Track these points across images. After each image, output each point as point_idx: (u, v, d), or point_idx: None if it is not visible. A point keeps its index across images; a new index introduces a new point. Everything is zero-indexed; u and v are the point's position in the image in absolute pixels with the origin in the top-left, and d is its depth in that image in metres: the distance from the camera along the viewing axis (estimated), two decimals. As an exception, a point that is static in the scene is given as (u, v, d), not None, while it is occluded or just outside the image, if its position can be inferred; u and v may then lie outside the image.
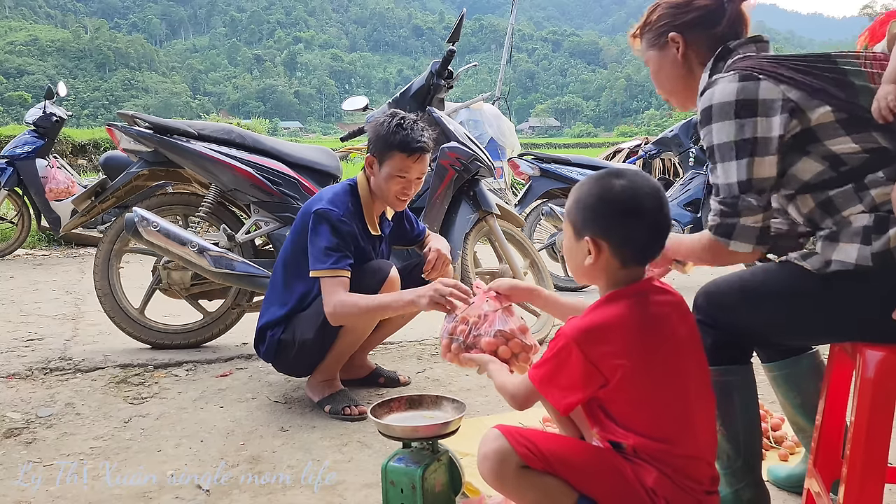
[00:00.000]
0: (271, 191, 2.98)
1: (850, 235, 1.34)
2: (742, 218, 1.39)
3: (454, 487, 1.64)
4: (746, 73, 1.38)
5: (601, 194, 1.27)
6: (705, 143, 1.44)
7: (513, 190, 8.08)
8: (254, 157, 3.01)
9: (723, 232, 1.41)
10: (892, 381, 1.30)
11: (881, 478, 1.32)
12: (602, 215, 1.27)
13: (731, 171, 1.39)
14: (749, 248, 1.41)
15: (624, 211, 1.25)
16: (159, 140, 2.93)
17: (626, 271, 1.29)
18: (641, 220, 1.25)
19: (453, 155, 3.15)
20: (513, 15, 11.21)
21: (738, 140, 1.37)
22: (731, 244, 1.41)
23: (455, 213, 3.21)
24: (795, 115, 1.36)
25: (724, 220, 1.41)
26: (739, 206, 1.38)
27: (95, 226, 6.13)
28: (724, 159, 1.40)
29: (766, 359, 1.69)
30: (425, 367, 2.91)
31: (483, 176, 3.28)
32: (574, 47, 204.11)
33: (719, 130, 1.39)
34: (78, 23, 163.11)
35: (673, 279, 5.35)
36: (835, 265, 1.35)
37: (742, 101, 1.37)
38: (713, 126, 1.40)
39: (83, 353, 3.05)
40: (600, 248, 1.27)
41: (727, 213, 1.40)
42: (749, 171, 1.37)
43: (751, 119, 1.36)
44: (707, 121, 1.42)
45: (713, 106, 1.40)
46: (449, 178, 3.14)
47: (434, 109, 3.24)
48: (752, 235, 1.40)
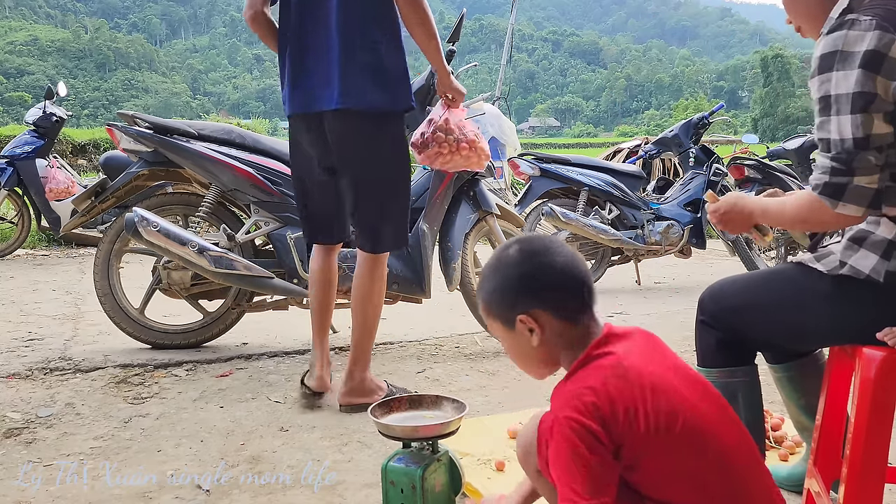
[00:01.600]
0: (271, 191, 2.98)
1: (872, 244, 1.33)
2: (856, 177, 1.27)
3: (454, 487, 1.64)
4: (883, 22, 1.26)
5: (504, 270, 1.20)
6: (820, 91, 1.31)
7: (513, 190, 8.07)
8: (254, 157, 3.01)
9: (831, 192, 1.29)
10: (892, 381, 1.30)
11: (881, 478, 1.32)
12: (522, 289, 1.18)
13: (845, 126, 1.27)
14: (861, 211, 1.28)
15: (543, 273, 1.17)
16: (159, 140, 2.93)
17: (578, 330, 1.17)
18: (561, 275, 1.17)
19: None
20: (513, 15, 11.21)
21: (860, 92, 1.25)
22: (840, 206, 1.29)
23: (455, 213, 3.22)
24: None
25: (833, 179, 1.28)
26: (854, 163, 1.27)
27: (95, 226, 6.12)
28: (840, 112, 1.27)
29: (773, 360, 1.69)
30: (425, 367, 2.91)
31: (483, 176, 3.28)
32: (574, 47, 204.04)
33: (839, 80, 1.27)
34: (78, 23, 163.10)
35: (673, 279, 5.35)
36: (847, 269, 1.34)
37: (871, 51, 1.25)
38: (833, 75, 1.28)
39: (83, 353, 3.05)
40: (539, 320, 1.16)
41: (839, 171, 1.28)
42: (868, 126, 1.26)
43: (876, 74, 1.25)
44: (826, 68, 1.30)
45: (838, 53, 1.28)
46: (449, 178, 3.14)
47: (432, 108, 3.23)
48: (867, 196, 1.27)
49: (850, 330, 1.37)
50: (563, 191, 4.87)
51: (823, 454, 1.54)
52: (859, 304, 1.34)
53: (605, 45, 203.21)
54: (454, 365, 2.95)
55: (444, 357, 3.08)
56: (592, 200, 4.81)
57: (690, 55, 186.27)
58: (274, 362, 2.97)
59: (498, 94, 9.93)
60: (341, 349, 3.17)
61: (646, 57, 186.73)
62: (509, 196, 7.99)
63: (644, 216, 4.80)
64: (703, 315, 1.52)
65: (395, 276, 3.04)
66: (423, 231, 3.08)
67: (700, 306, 1.54)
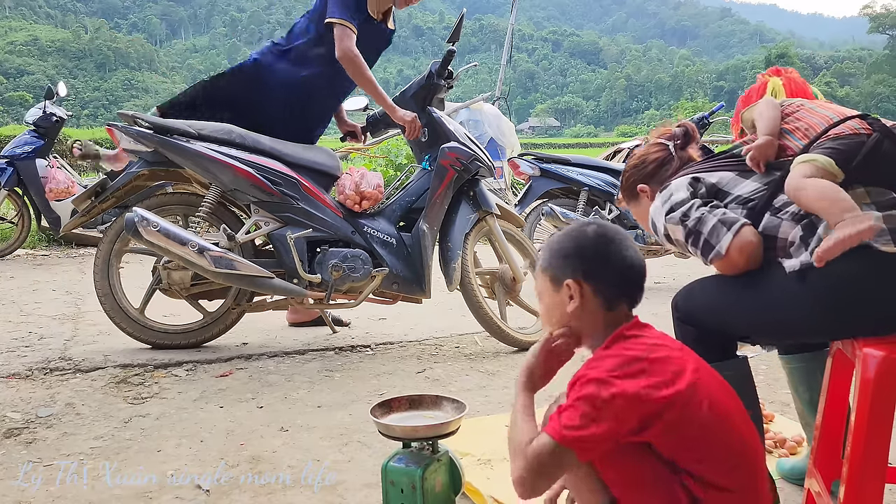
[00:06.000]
0: (271, 191, 2.97)
1: (797, 247, 1.43)
2: (710, 221, 1.50)
3: (454, 487, 1.64)
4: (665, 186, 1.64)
5: (578, 241, 1.31)
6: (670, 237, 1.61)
7: (513, 190, 8.07)
8: (254, 157, 3.00)
9: (716, 237, 1.52)
10: (892, 381, 1.30)
11: (881, 478, 1.32)
12: (578, 258, 1.30)
13: (675, 221, 1.57)
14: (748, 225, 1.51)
15: (597, 253, 1.29)
16: (159, 140, 2.92)
17: (610, 315, 1.29)
18: (616, 260, 1.29)
19: (453, 155, 3.15)
20: (513, 15, 11.22)
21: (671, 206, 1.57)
22: (737, 235, 1.48)
23: (455, 213, 3.21)
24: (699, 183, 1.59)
25: (709, 237, 1.51)
26: (703, 218, 1.51)
27: (95, 226, 6.11)
28: (669, 222, 1.58)
29: (783, 351, 1.75)
30: (425, 367, 2.91)
31: (483, 176, 3.28)
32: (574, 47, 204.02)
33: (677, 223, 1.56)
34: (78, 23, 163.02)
35: (673, 279, 5.35)
36: (789, 266, 1.42)
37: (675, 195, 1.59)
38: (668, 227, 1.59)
39: (83, 353, 3.05)
40: (581, 290, 1.28)
41: (697, 235, 1.52)
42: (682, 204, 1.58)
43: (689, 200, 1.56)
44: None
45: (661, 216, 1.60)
46: (449, 177, 3.14)
47: (434, 109, 3.24)
48: (730, 221, 1.53)
49: (816, 320, 1.40)
50: (563, 191, 4.87)
51: (823, 454, 1.55)
52: (816, 289, 1.38)
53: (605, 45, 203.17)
54: (454, 365, 2.95)
55: (444, 357, 3.08)
56: (592, 200, 4.81)
57: (690, 55, 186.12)
58: (274, 362, 2.97)
59: (498, 94, 9.94)
60: (341, 349, 3.17)
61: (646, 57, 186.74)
62: (509, 196, 8.00)
63: (644, 216, 4.80)
64: (677, 312, 1.59)
65: (394, 275, 3.05)
66: (423, 231, 3.09)
67: (674, 306, 1.60)
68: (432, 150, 3.20)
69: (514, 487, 1.19)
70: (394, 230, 3.13)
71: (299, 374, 2.80)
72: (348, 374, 2.81)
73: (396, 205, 3.20)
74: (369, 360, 3.03)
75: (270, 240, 3.05)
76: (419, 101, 3.24)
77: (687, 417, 1.15)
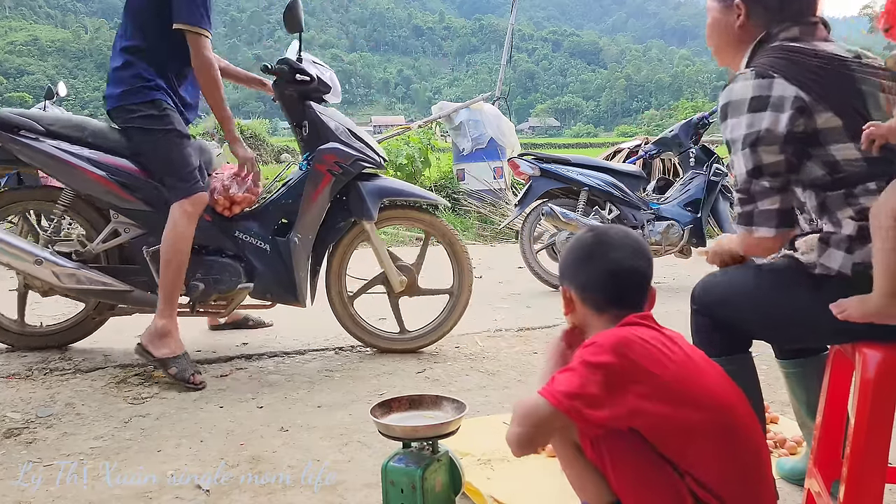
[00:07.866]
0: (127, 196, 2.72)
1: (837, 241, 1.37)
2: (758, 202, 1.41)
3: (454, 487, 1.64)
4: (762, 70, 1.42)
5: (571, 247, 1.36)
6: (724, 138, 1.48)
7: (513, 190, 8.06)
8: (108, 157, 2.72)
9: (745, 220, 1.44)
10: (892, 381, 1.30)
11: (881, 478, 1.32)
12: (566, 265, 1.36)
13: (740, 162, 1.42)
14: (772, 232, 1.41)
15: (580, 258, 1.33)
16: (7, 138, 2.69)
17: (602, 319, 1.31)
18: (597, 265, 1.31)
19: (331, 158, 2.84)
20: (513, 15, 11.21)
21: (749, 133, 1.40)
22: (755, 230, 1.43)
23: (330, 219, 2.95)
24: (804, 113, 1.37)
25: (743, 209, 1.44)
26: (752, 190, 1.41)
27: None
28: (736, 151, 1.43)
29: (779, 355, 1.73)
30: (425, 368, 2.91)
31: (374, 173, 2.99)
32: (574, 47, 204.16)
33: (734, 126, 1.43)
34: (78, 23, 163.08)
35: (673, 279, 5.36)
36: (820, 269, 1.39)
37: (754, 97, 1.40)
38: (729, 122, 1.44)
39: (83, 353, 3.05)
40: (570, 296, 1.34)
41: (744, 201, 1.43)
42: (756, 158, 1.39)
43: (760, 113, 1.39)
44: (724, 117, 1.46)
45: (730, 103, 1.44)
46: (325, 182, 2.84)
47: (312, 104, 2.94)
48: (772, 218, 1.41)
49: (829, 325, 1.38)
50: (563, 191, 4.86)
51: (823, 454, 1.55)
52: (835, 299, 1.35)
53: (605, 45, 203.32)
54: (454, 365, 2.95)
55: (444, 357, 3.08)
56: (592, 200, 4.80)
57: (690, 55, 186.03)
58: (274, 362, 2.97)
59: (498, 94, 9.93)
60: (341, 349, 3.17)
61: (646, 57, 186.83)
62: (509, 196, 8.00)
63: (644, 216, 4.79)
64: (695, 304, 1.57)
65: (265, 286, 2.87)
66: (293, 242, 2.84)
67: (693, 297, 1.58)
68: (312, 150, 2.91)
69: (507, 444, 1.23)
70: (268, 235, 2.87)
71: (299, 374, 2.80)
72: (348, 374, 2.81)
73: (273, 206, 2.92)
74: (369, 360, 3.03)
75: (130, 248, 2.86)
76: (296, 100, 2.95)
77: (674, 400, 1.17)
